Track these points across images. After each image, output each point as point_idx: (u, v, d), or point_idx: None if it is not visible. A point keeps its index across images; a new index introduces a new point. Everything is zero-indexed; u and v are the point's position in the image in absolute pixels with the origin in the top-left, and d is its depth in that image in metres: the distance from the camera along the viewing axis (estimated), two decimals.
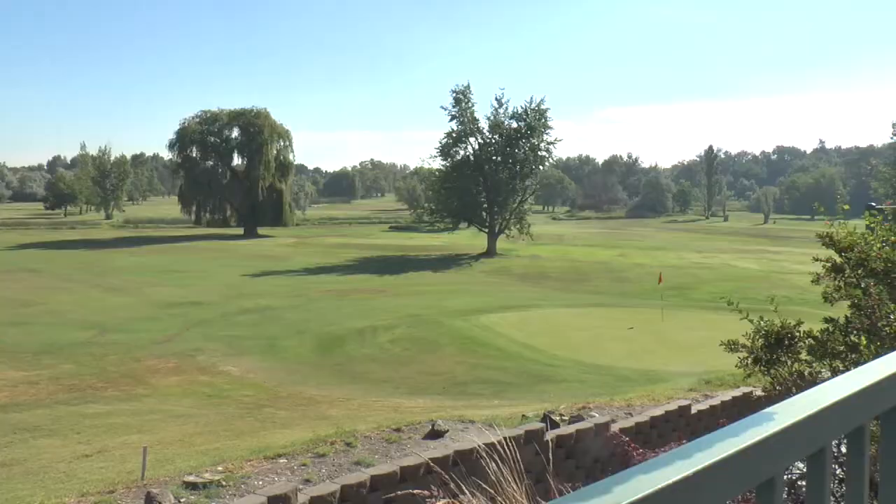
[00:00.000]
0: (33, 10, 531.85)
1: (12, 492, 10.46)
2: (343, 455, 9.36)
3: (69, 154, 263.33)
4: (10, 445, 16.58)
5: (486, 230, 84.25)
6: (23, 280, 55.99)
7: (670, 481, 0.90)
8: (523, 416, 11.99)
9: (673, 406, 12.27)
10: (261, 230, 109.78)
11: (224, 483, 8.29)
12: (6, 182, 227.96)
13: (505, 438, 4.18)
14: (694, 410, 12.48)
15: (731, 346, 8.14)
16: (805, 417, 1.14)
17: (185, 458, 11.55)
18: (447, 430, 10.34)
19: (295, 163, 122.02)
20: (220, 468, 8.99)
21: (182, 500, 7.82)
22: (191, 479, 8.46)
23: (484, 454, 3.97)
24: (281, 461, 9.17)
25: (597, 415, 11.38)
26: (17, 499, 9.15)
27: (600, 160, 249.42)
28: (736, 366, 8.35)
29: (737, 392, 14.08)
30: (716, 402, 13.34)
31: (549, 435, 9.63)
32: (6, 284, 53.25)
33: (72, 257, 74.84)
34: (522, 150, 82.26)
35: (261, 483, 8.32)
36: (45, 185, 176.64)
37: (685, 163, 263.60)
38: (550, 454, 7.64)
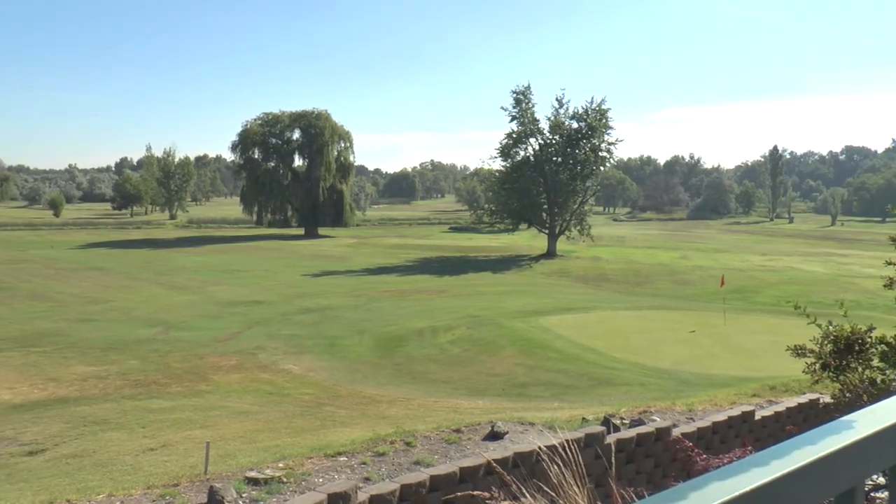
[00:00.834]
0: (103, 18, 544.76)
1: (83, 482, 10.72)
2: (403, 454, 9.39)
3: (136, 156, 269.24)
4: (80, 437, 17.00)
5: (546, 231, 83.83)
6: (91, 278, 57.40)
7: (747, 489, 0.88)
8: (583, 419, 11.89)
9: (736, 412, 12.03)
10: (321, 230, 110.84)
11: (285, 479, 8.38)
12: (77, 183, 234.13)
13: (566, 441, 4.14)
14: (758, 416, 12.22)
15: (798, 351, 7.94)
16: (888, 426, 1.11)
17: (246, 454, 11.70)
18: (507, 432, 10.31)
19: (355, 164, 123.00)
20: (280, 465, 9.09)
21: (244, 495, 7.91)
22: (252, 474, 8.56)
23: (545, 457, 3.94)
24: (341, 459, 9.23)
25: (658, 419, 11.23)
26: (88, 489, 9.36)
27: (662, 161, 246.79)
28: (803, 371, 8.13)
29: (803, 399, 13.74)
30: (780, 408, 13.03)
31: (610, 438, 9.54)
32: (76, 282, 54.67)
33: (137, 256, 76.49)
34: (583, 151, 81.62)
35: (321, 480, 8.38)
36: (113, 186, 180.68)
37: (749, 163, 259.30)
38: (613, 458, 7.57)
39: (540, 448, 4.32)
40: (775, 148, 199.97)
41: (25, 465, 14.72)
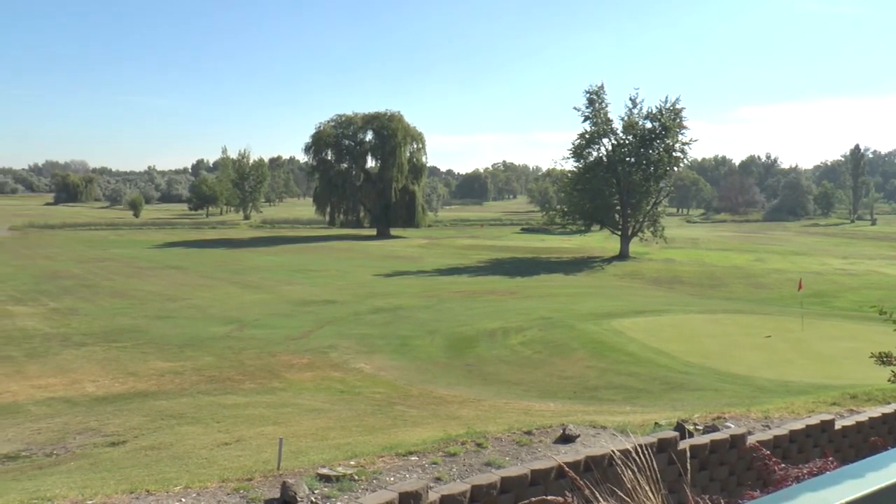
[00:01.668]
0: (179, 25, 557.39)
1: (161, 473, 10.97)
2: (474, 455, 9.38)
3: (211, 158, 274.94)
4: (158, 430, 17.42)
5: (619, 233, 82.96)
6: (168, 277, 58.80)
7: (843, 501, 0.86)
8: (655, 423, 11.72)
9: (814, 420, 11.68)
10: (393, 231, 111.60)
11: (356, 477, 8.44)
12: (155, 184, 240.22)
13: (640, 445, 4.09)
14: (838, 426, 11.83)
15: (884, 358, 7.72)
16: None
17: (318, 450, 11.83)
18: (578, 435, 10.23)
19: (428, 165, 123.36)
20: (352, 462, 9.15)
21: (316, 491, 7.99)
22: (324, 471, 8.64)
23: (619, 461, 3.90)
24: (412, 459, 9.26)
25: (732, 425, 11.00)
26: (166, 480, 9.59)
27: (737, 161, 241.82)
28: (889, 380, 7.89)
29: (887, 408, 13.19)
30: (863, 418, 12.55)
31: (683, 444, 9.39)
32: (154, 280, 56.05)
33: (212, 256, 78.10)
34: (656, 151, 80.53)
35: (392, 479, 8.43)
36: (189, 188, 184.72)
37: (829, 163, 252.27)
38: (688, 464, 7.45)
39: (613, 452, 4.29)
40: (857, 147, 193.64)
41: (108, 455, 15.15)
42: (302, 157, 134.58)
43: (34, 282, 54.78)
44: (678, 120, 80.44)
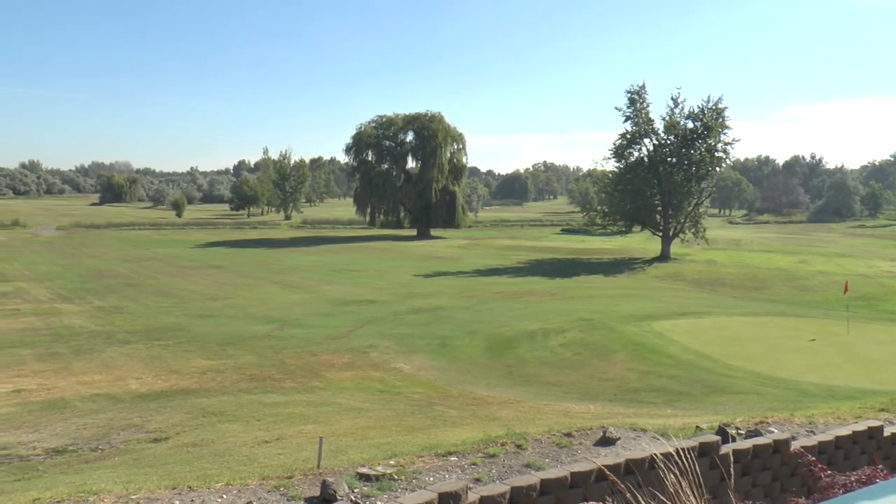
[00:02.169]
0: (220, 28, 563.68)
1: (202, 470, 11.08)
2: (513, 457, 9.35)
3: (253, 159, 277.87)
4: (199, 428, 17.61)
5: (660, 234, 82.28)
6: (210, 276, 59.42)
7: None
8: (697, 427, 11.59)
9: (862, 426, 11.43)
10: (433, 231, 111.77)
11: (396, 477, 8.44)
12: (197, 185, 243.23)
13: (683, 449, 4.05)
14: (887, 433, 11.57)
15: None
16: None
17: (358, 450, 11.86)
18: (618, 438, 10.15)
19: (468, 165, 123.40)
20: (392, 462, 9.16)
21: (355, 490, 8.01)
22: (364, 470, 8.66)
23: (661, 464, 3.86)
24: (452, 459, 9.25)
25: (776, 430, 10.84)
26: (207, 476, 9.68)
27: (781, 161, 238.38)
28: None
29: None
30: None
31: (725, 448, 9.28)
32: (196, 280, 56.69)
33: (253, 255, 78.82)
34: (698, 151, 79.61)
35: (432, 479, 8.42)
36: (231, 188, 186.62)
37: (876, 163, 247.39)
38: (731, 469, 7.36)
39: (656, 455, 4.25)
40: None
41: (151, 452, 15.34)
42: (343, 158, 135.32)
43: (80, 280, 55.72)
44: (721, 119, 79.49)
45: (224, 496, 8.02)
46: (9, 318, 39.28)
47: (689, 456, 3.93)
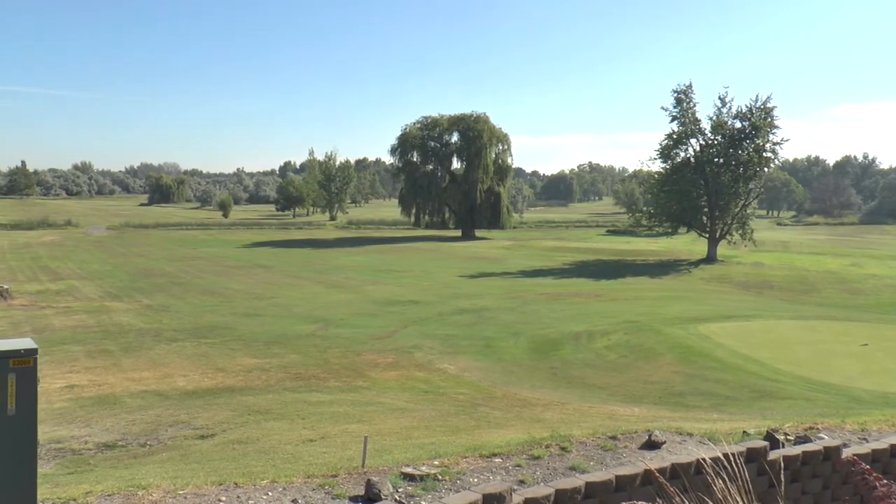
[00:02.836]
0: (266, 30, 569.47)
1: (248, 467, 11.19)
2: (558, 459, 9.30)
3: (298, 160, 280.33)
4: (245, 425, 17.78)
5: (707, 235, 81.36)
6: (256, 275, 60.05)
7: None
8: (744, 432, 11.43)
9: None
10: (478, 232, 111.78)
11: (440, 477, 8.44)
12: (244, 186, 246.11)
13: (732, 454, 3.99)
14: None
15: None
16: None
17: (402, 449, 11.89)
18: (664, 442, 10.05)
19: (513, 166, 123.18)
20: (436, 462, 9.17)
21: (400, 489, 8.03)
22: (408, 470, 8.67)
23: (710, 469, 3.82)
24: (496, 460, 9.24)
25: (826, 437, 10.64)
26: (252, 473, 9.78)
27: (831, 161, 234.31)
28: None
29: None
30: None
31: (774, 455, 9.13)
32: (242, 279, 57.32)
33: (299, 255, 79.48)
34: (746, 152, 78.47)
35: (476, 480, 8.41)
36: (277, 189, 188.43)
37: None
38: (782, 475, 7.24)
39: (704, 460, 4.20)
40: None
41: (197, 448, 15.53)
42: (388, 159, 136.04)
43: (129, 279, 56.65)
44: (769, 119, 78.29)
45: (269, 493, 8.09)
46: (62, 315, 40.07)
47: (737, 461, 3.88)
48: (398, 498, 7.82)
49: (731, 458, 3.91)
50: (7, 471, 5.39)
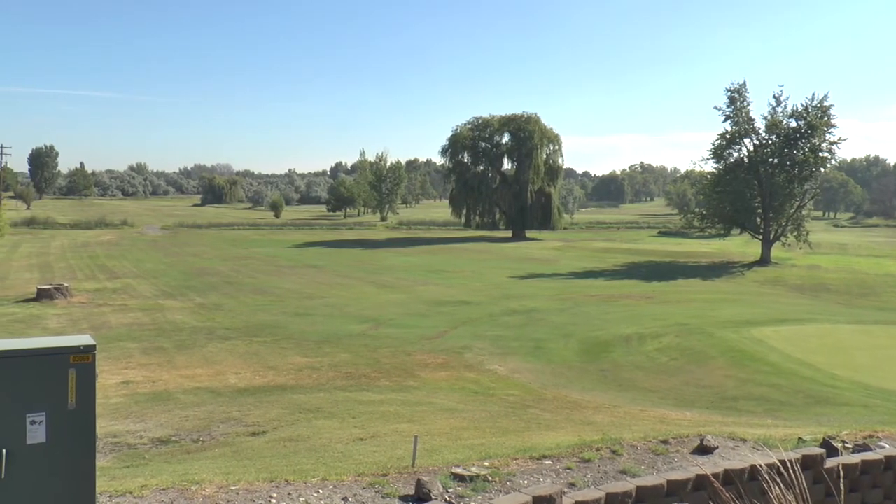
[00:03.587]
0: (317, 31, 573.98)
1: (299, 464, 11.26)
2: (608, 462, 9.24)
3: (349, 160, 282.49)
4: (295, 423, 17.91)
5: (760, 237, 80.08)
6: (307, 275, 60.55)
7: None
8: (799, 438, 11.23)
9: None
10: (529, 233, 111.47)
11: (490, 478, 8.44)
12: (295, 186, 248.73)
13: (789, 461, 3.92)
14: None
15: None
16: None
17: (452, 450, 11.88)
18: (716, 447, 9.92)
19: (564, 167, 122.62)
20: (486, 463, 9.16)
21: (450, 490, 8.03)
22: (458, 470, 8.67)
23: (766, 475, 3.75)
24: (546, 462, 9.20)
25: (887, 445, 10.41)
26: (303, 471, 9.85)
27: (891, 161, 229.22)
28: None
29: None
30: None
31: (831, 462, 8.95)
32: (293, 279, 57.83)
33: (349, 255, 79.97)
34: (801, 151, 77.04)
35: (526, 482, 8.39)
36: (328, 189, 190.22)
37: None
38: (841, 484, 7.09)
39: (760, 466, 4.13)
40: None
41: (249, 445, 15.69)
42: (439, 160, 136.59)
43: (183, 278, 57.53)
44: (826, 118, 76.73)
45: (320, 491, 8.15)
46: (118, 312, 40.82)
47: (794, 468, 3.81)
48: (448, 498, 7.82)
49: (788, 465, 3.84)
50: (68, 463, 5.53)
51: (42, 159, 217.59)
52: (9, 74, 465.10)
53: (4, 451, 5.27)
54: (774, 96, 78.87)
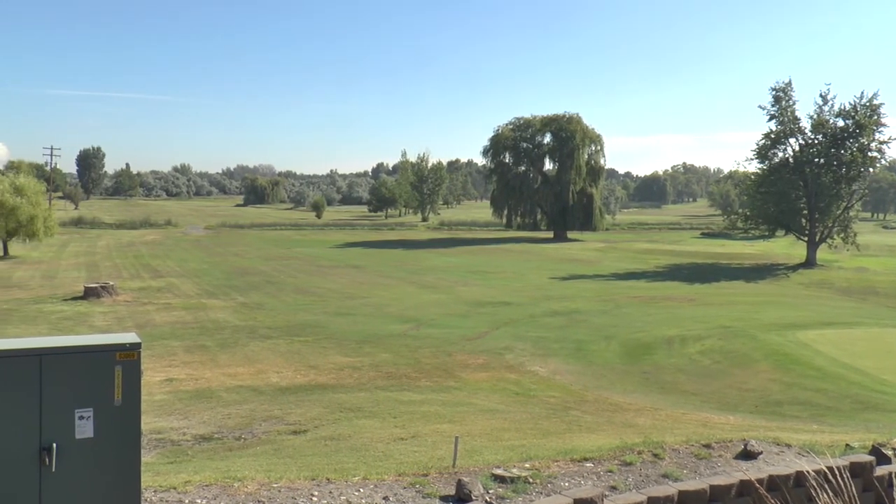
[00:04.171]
0: (357, 35, 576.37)
1: (340, 463, 11.32)
2: (650, 466, 9.16)
3: (391, 161, 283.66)
4: (336, 422, 17.99)
5: (806, 239, 78.76)
6: (348, 275, 60.83)
7: None
8: (847, 445, 11.03)
9: None
10: (570, 234, 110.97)
11: (531, 480, 8.41)
12: (337, 187, 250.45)
13: (837, 468, 3.84)
14: None
15: None
16: None
17: (492, 451, 11.86)
18: (761, 452, 9.79)
19: (606, 167, 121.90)
20: (527, 465, 9.14)
21: (490, 491, 8.03)
22: (499, 472, 8.66)
23: (813, 482, 3.68)
24: (587, 465, 9.16)
25: None
26: (344, 469, 9.89)
27: None
28: None
29: None
30: None
31: (881, 471, 8.77)
32: (334, 279, 58.13)
33: (390, 256, 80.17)
34: (849, 151, 75.50)
35: (567, 485, 8.35)
36: (369, 190, 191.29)
37: None
38: (894, 493, 6.95)
39: (808, 472, 4.05)
40: None
41: (290, 443, 15.79)
42: (480, 160, 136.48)
43: (225, 277, 58.13)
44: (875, 117, 75.13)
45: (361, 489, 8.19)
46: (162, 311, 41.36)
47: (842, 475, 3.72)
48: (489, 499, 7.82)
49: (836, 472, 3.76)
50: (115, 457, 5.63)
51: (89, 160, 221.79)
52: (59, 78, 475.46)
53: (55, 444, 5.40)
54: (821, 95, 77.49)
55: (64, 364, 5.44)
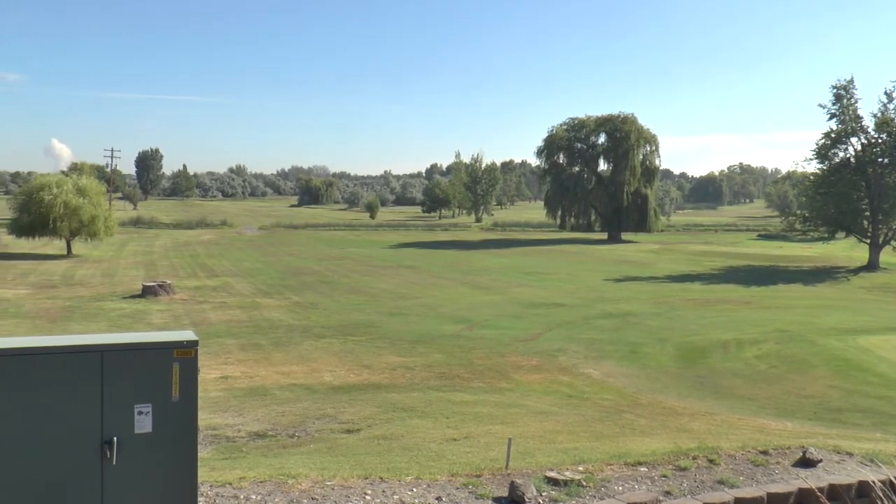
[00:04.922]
0: (413, 34, 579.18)
1: (392, 462, 11.35)
2: (705, 471, 9.02)
3: (445, 162, 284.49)
4: (389, 422, 18.05)
5: (868, 241, 76.98)
6: (401, 275, 61.07)
7: None
8: None
9: None
10: (624, 235, 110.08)
11: (584, 483, 8.35)
12: (390, 188, 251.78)
13: None
14: None
15: None
16: None
17: (545, 453, 11.79)
18: (820, 460, 9.57)
19: (660, 168, 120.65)
20: (580, 468, 9.07)
21: (543, 493, 7.98)
22: (552, 474, 8.61)
23: (879, 492, 3.58)
24: (641, 469, 9.06)
25: None
26: (397, 469, 9.92)
27: None
28: None
29: None
30: None
31: None
32: (387, 279, 58.40)
33: (444, 256, 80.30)
34: None
35: (620, 489, 8.26)
36: (423, 191, 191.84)
37: None
38: None
39: (874, 482, 3.94)
40: None
41: (343, 441, 15.87)
42: (534, 161, 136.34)
43: (280, 277, 58.77)
44: None
45: (414, 489, 8.20)
46: (217, 310, 41.94)
47: None
48: (541, 502, 7.77)
49: None
50: (172, 453, 5.76)
51: (148, 162, 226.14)
52: (120, 82, 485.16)
53: (115, 438, 5.52)
54: (886, 93, 75.47)
55: (124, 360, 5.57)
